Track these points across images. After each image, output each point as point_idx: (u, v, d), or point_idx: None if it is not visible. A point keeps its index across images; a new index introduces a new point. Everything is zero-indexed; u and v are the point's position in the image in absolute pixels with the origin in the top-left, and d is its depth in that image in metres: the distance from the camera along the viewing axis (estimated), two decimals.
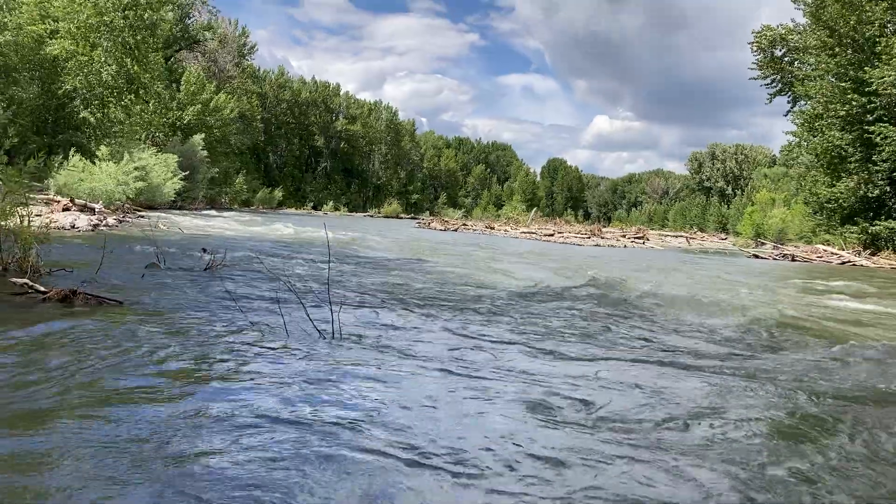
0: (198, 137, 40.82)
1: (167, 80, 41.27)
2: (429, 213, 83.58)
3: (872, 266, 22.22)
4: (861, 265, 22.60)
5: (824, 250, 26.41)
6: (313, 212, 70.84)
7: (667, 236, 43.85)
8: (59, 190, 19.84)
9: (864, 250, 25.68)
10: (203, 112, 47.10)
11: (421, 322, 5.92)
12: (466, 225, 43.19)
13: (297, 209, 70.03)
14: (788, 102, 33.14)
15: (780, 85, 33.27)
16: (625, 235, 36.99)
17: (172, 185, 28.86)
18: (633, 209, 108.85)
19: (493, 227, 39.71)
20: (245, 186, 58.05)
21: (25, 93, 24.09)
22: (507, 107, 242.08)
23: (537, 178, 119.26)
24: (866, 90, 24.47)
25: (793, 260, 24.85)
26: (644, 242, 34.04)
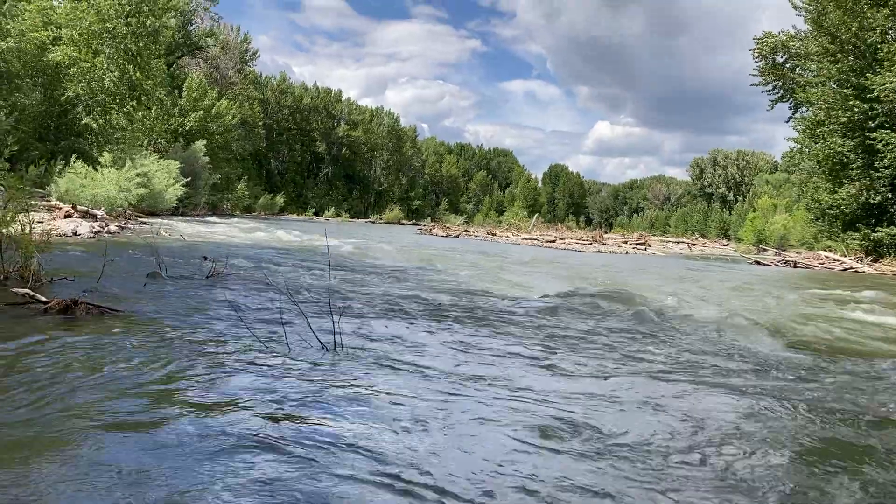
0: (200, 144, 40.87)
1: (169, 86, 41.38)
2: (430, 219, 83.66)
3: (875, 273, 22.16)
4: (863, 272, 22.53)
5: (826, 257, 26.36)
6: (315, 218, 70.94)
7: (668, 242, 43.82)
8: (61, 196, 19.85)
9: (865, 257, 25.62)
10: (205, 118, 47.17)
11: (425, 334, 5.87)
12: (468, 231, 43.18)
13: (298, 215, 70.12)
14: (790, 109, 33.13)
15: (781, 91, 33.27)
16: (626, 242, 36.95)
17: (174, 192, 28.87)
18: (635, 215, 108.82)
19: (495, 234, 39.69)
20: (247, 193, 58.10)
21: (28, 99, 24.14)
22: (509, 113, 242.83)
23: (539, 184, 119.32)
24: (868, 97, 24.45)
25: (795, 266, 24.80)
26: (646, 249, 34.00)
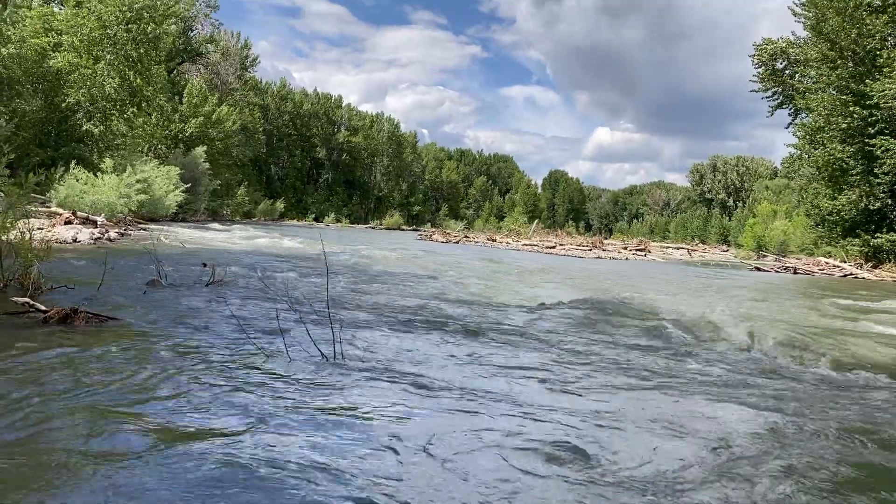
0: (200, 150, 40.90)
1: (170, 92, 41.44)
2: (430, 224, 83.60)
3: (874, 279, 22.16)
4: (863, 278, 22.54)
5: (826, 263, 26.39)
6: (315, 224, 70.89)
7: (668, 248, 43.80)
8: (62, 203, 19.85)
9: (865, 263, 25.65)
10: (205, 124, 47.22)
11: (426, 345, 5.83)
12: (468, 237, 43.18)
13: (298, 221, 70.09)
14: (790, 115, 33.20)
15: (781, 97, 33.35)
16: (626, 248, 36.95)
17: (174, 198, 28.88)
18: (635, 221, 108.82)
19: (495, 240, 39.69)
20: (247, 198, 58.10)
21: (29, 105, 24.16)
22: (509, 118, 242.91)
23: (539, 190, 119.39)
24: (867, 103, 24.51)
25: (795, 273, 24.80)
26: (646, 255, 34.00)
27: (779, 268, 26.81)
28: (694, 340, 6.81)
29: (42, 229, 13.23)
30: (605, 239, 48.97)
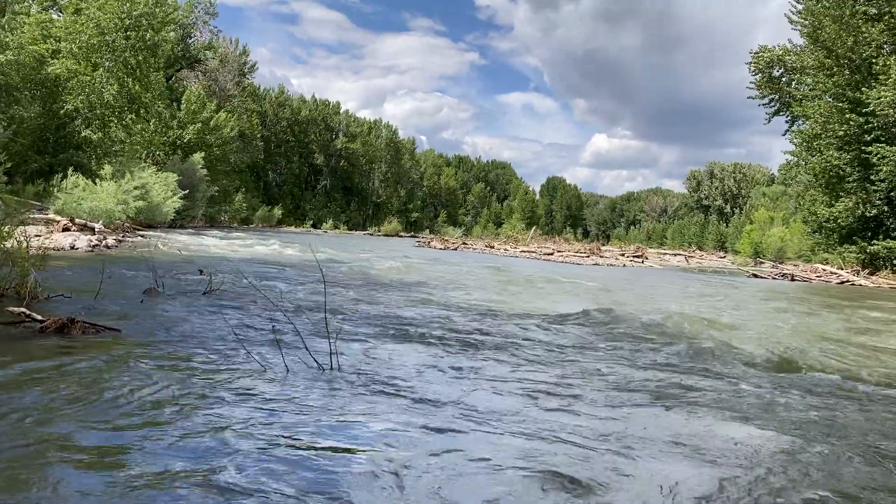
0: (198, 156, 40.90)
1: (168, 99, 41.49)
2: (429, 231, 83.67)
3: (871, 286, 22.21)
4: (860, 285, 22.58)
5: (823, 269, 26.42)
6: (313, 230, 70.90)
7: (666, 254, 43.86)
8: (59, 209, 19.83)
9: (862, 270, 25.70)
10: (203, 131, 47.25)
11: (424, 356, 5.77)
12: (466, 244, 43.18)
13: (296, 227, 70.08)
14: (787, 122, 33.35)
15: (778, 105, 33.49)
16: (624, 254, 36.99)
17: (172, 204, 28.86)
18: (632, 227, 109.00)
19: (493, 246, 39.70)
20: (244, 205, 58.09)
21: (27, 112, 24.19)
22: (507, 125, 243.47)
23: (536, 197, 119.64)
24: (863, 110, 24.61)
25: (792, 279, 24.82)
26: (643, 261, 34.02)
27: (776, 274, 26.84)
28: (703, 353, 6.60)
29: (40, 236, 13.23)
30: (603, 245, 49.00)
